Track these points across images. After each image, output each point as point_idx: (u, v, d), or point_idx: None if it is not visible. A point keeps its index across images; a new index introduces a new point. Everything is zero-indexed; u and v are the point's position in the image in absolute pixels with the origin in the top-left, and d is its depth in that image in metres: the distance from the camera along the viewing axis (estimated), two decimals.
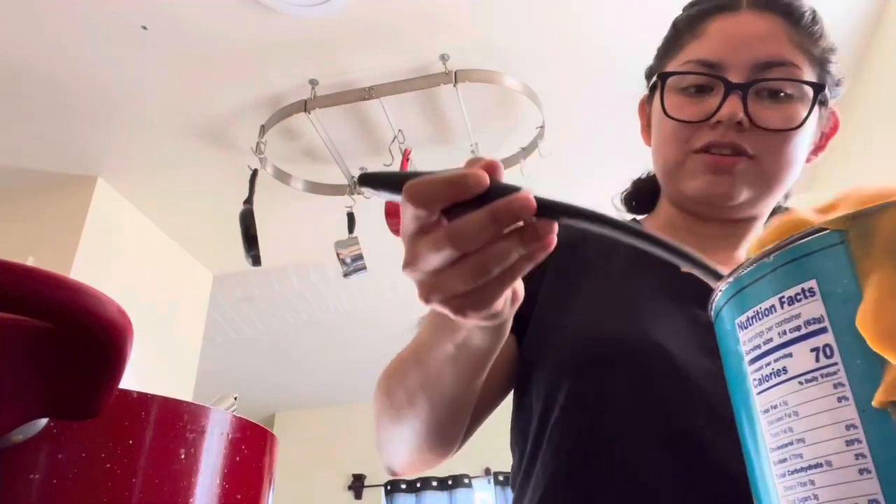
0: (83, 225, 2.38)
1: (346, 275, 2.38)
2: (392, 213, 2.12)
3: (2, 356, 0.24)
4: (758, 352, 0.30)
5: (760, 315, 0.30)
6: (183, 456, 0.29)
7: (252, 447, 0.33)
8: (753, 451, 0.31)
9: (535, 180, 2.34)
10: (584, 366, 0.65)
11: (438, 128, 2.31)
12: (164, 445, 0.29)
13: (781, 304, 0.29)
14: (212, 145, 2.36)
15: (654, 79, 0.74)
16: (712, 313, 0.35)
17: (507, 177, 0.39)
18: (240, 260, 2.31)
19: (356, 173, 2.45)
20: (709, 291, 0.52)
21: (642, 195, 0.85)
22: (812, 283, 0.28)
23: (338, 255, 2.36)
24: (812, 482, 0.26)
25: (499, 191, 0.38)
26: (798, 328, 0.28)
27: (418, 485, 4.52)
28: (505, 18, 1.92)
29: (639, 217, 0.85)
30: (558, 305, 0.71)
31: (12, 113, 2.18)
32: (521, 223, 0.39)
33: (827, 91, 0.70)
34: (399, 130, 2.22)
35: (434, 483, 4.50)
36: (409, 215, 0.39)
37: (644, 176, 0.86)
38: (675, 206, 0.77)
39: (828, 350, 0.27)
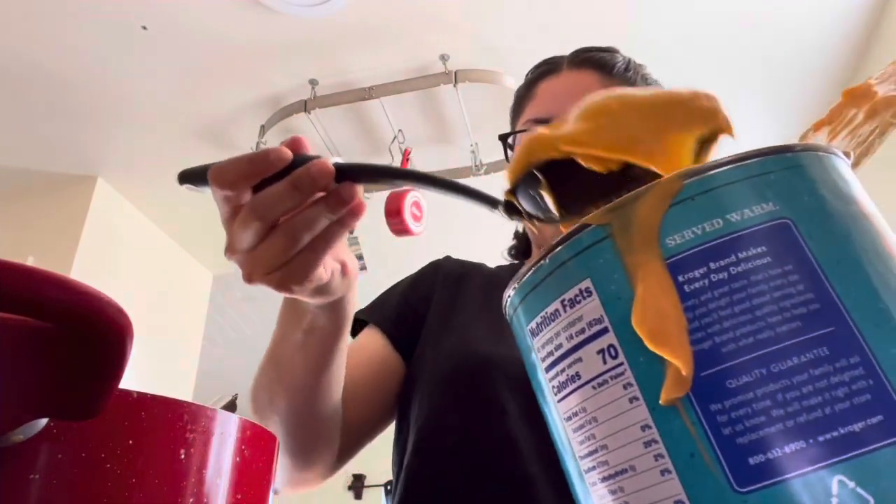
0: (83, 225, 2.38)
1: None
2: (392, 213, 2.11)
3: (2, 356, 0.24)
4: (551, 359, 0.29)
5: (548, 320, 0.29)
6: (183, 456, 0.29)
7: (253, 447, 0.33)
8: (567, 460, 0.29)
9: None
10: (453, 383, 0.68)
11: (438, 128, 2.31)
12: (164, 445, 0.29)
13: (564, 307, 0.28)
14: (212, 145, 2.36)
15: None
16: (508, 320, 0.34)
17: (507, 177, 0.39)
18: None
19: None
20: None
21: (521, 245, 0.93)
22: (587, 283, 0.27)
23: None
24: (621, 489, 0.26)
25: (303, 163, 0.39)
26: (583, 331, 0.27)
27: None
28: (505, 18, 1.92)
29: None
30: (438, 330, 0.75)
31: (12, 113, 2.18)
32: (325, 191, 0.40)
33: None
34: (399, 130, 2.22)
35: None
36: (220, 199, 0.40)
37: (520, 229, 0.94)
38: (540, 248, 0.83)
39: (612, 350, 0.26)
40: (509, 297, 0.32)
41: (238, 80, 2.09)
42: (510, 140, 0.79)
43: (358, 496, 4.57)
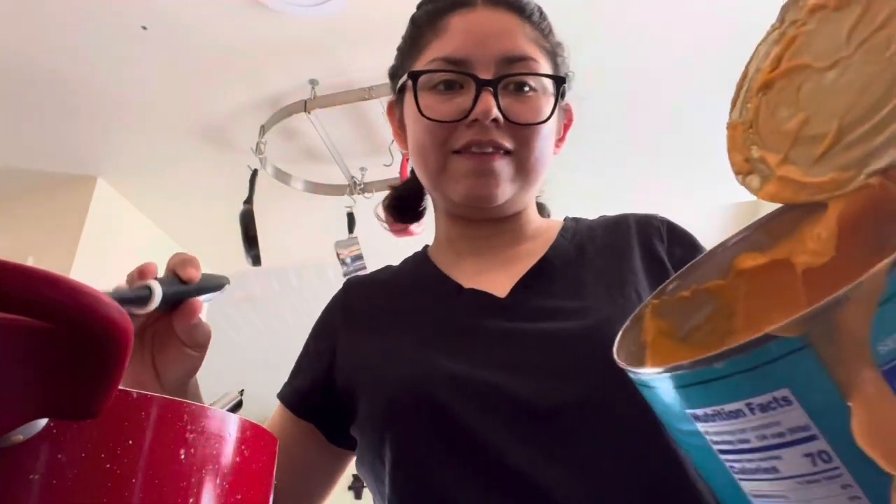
0: (83, 225, 2.38)
1: (346, 275, 2.38)
2: None
3: (2, 356, 0.24)
4: (731, 447, 0.28)
5: (724, 415, 0.28)
6: (183, 456, 0.29)
7: (252, 448, 0.33)
8: None
9: None
10: (393, 420, 0.63)
11: None
12: (164, 445, 0.29)
13: (751, 409, 0.27)
14: (212, 145, 2.36)
15: (405, 79, 0.73)
16: (636, 378, 0.33)
17: None
18: (240, 260, 2.31)
19: (356, 173, 2.45)
20: (482, 301, 0.68)
21: (406, 201, 0.85)
22: (785, 392, 0.26)
23: (338, 255, 2.36)
24: None
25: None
26: (781, 434, 0.26)
27: None
28: None
29: (411, 226, 0.86)
30: (357, 371, 0.70)
31: (13, 113, 2.18)
32: None
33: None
34: None
35: None
36: None
37: (401, 184, 0.86)
38: (447, 214, 0.77)
39: (825, 455, 0.25)
40: (651, 374, 0.31)
41: (238, 80, 2.09)
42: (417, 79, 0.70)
43: (358, 496, 4.57)
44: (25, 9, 1.82)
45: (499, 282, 0.71)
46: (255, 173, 2.26)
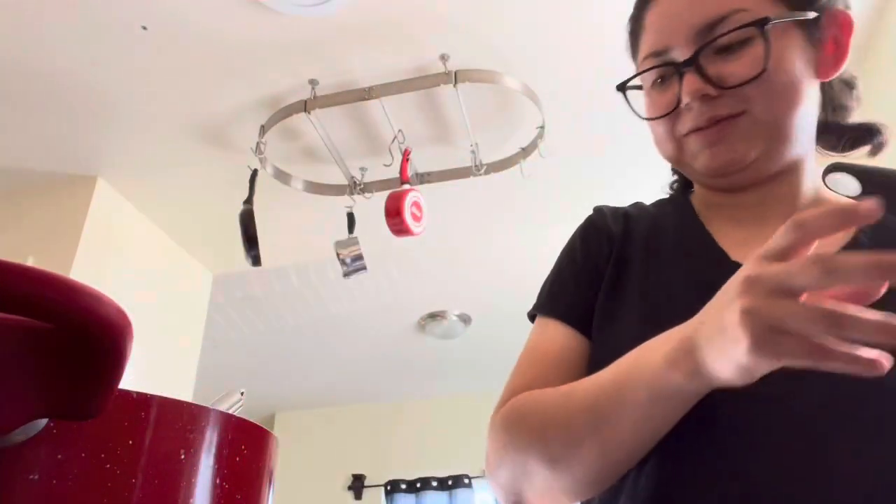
0: (83, 225, 2.37)
1: (346, 275, 2.38)
2: (392, 213, 2.11)
3: (2, 356, 0.24)
4: None
5: None
6: (183, 456, 0.29)
7: (252, 447, 0.33)
8: None
9: (535, 180, 2.34)
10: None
11: (438, 128, 2.31)
12: (164, 445, 0.29)
13: None
14: (212, 145, 2.36)
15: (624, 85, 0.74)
16: None
17: (507, 177, 0.39)
18: (240, 260, 2.31)
19: (356, 173, 2.45)
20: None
21: (682, 177, 0.85)
22: None
23: (338, 255, 2.36)
24: None
25: None
26: None
27: (418, 485, 4.52)
28: (505, 18, 1.92)
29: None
30: (623, 310, 0.67)
31: (12, 113, 2.18)
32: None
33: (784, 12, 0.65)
34: (399, 130, 2.21)
35: (434, 483, 4.50)
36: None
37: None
38: (705, 186, 0.75)
39: None
40: None
41: (238, 80, 2.09)
42: (636, 82, 0.72)
43: (358, 496, 4.57)
44: (25, 9, 1.82)
45: None
46: (255, 173, 2.25)
